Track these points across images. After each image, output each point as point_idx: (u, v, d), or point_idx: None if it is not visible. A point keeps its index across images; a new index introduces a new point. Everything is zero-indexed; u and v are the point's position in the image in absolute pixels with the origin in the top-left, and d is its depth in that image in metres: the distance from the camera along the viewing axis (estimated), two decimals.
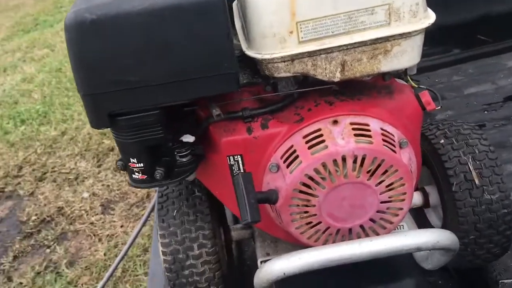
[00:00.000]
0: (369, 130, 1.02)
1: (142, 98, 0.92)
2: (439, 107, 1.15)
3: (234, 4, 1.19)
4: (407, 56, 1.01)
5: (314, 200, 1.03)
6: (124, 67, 0.89)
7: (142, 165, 1.01)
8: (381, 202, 1.05)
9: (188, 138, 1.04)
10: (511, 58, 2.23)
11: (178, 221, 1.18)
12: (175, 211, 1.20)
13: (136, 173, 1.03)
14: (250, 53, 0.98)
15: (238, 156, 1.08)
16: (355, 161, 1.00)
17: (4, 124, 3.99)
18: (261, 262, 1.23)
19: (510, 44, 2.29)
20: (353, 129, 1.02)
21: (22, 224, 2.91)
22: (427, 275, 1.35)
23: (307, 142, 1.03)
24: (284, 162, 1.04)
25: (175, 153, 1.05)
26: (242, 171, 1.09)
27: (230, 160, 1.08)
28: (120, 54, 0.89)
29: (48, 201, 3.06)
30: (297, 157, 1.02)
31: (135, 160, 1.01)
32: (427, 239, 0.99)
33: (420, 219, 1.40)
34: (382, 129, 1.04)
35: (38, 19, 6.73)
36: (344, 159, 1.00)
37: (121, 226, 2.77)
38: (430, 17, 0.99)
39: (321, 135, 1.02)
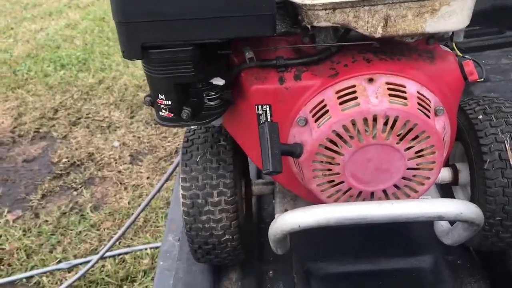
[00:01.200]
0: (404, 92, 0.98)
1: (176, 32, 0.91)
2: (482, 79, 1.10)
3: None
4: (455, 18, 0.95)
5: (339, 158, 1.00)
6: None
7: (169, 102, 1.00)
8: (408, 169, 1.02)
9: (218, 81, 1.02)
10: None
11: (200, 167, 1.18)
12: (199, 157, 1.19)
13: (164, 111, 1.02)
14: None
15: (267, 106, 1.05)
16: (386, 122, 0.97)
17: (44, 67, 4.07)
18: None
19: None
20: (389, 89, 0.98)
21: (53, 165, 2.98)
22: (446, 253, 1.32)
23: (339, 97, 1.00)
24: (313, 116, 1.01)
25: (204, 95, 1.03)
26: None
27: (258, 109, 1.06)
28: None
29: (79, 145, 3.12)
30: (326, 111, 0.99)
31: (163, 97, 1.00)
32: (450, 209, 0.95)
33: (447, 197, 1.36)
34: (418, 92, 1.00)
35: None
36: (375, 119, 0.97)
37: (147, 178, 2.81)
38: None
39: (355, 92, 0.99)
